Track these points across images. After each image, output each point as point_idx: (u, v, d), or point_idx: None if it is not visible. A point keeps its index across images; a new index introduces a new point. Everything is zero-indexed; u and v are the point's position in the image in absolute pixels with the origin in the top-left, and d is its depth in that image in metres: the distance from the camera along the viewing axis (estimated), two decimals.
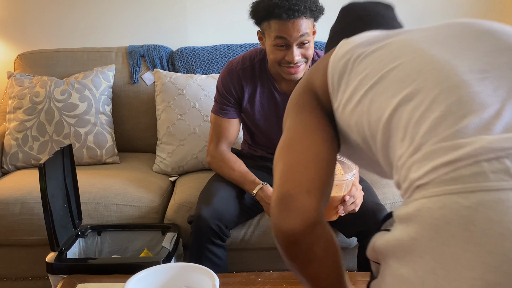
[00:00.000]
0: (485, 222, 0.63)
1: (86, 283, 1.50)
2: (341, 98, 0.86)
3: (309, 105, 0.92)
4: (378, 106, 0.79)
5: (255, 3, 1.71)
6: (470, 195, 0.64)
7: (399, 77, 0.78)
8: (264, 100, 1.87)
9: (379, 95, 0.80)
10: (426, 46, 0.80)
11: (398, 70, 0.79)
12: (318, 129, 0.88)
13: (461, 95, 0.71)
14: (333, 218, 1.57)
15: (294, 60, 1.69)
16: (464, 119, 0.69)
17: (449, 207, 0.65)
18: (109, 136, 2.34)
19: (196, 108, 2.27)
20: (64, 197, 1.70)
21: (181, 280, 1.34)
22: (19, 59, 2.56)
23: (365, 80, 0.82)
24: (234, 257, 1.89)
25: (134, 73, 2.49)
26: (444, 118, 0.71)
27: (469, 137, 0.68)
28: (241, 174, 1.82)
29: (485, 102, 0.70)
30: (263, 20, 1.70)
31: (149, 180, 2.15)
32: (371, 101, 0.81)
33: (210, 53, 2.51)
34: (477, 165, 0.66)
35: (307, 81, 0.95)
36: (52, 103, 2.28)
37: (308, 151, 0.85)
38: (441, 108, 0.71)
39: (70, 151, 1.75)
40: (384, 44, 0.84)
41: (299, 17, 1.63)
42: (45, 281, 1.93)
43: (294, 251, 0.81)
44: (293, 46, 1.68)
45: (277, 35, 1.67)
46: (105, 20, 2.68)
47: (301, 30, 1.65)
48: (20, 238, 1.95)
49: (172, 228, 1.83)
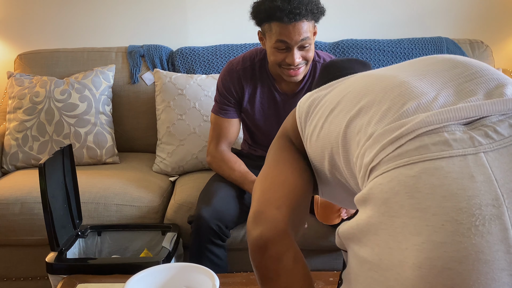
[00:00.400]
0: (428, 188, 0.68)
1: (86, 283, 1.50)
2: (308, 131, 0.96)
3: (283, 146, 1.02)
4: (336, 124, 0.87)
5: (256, 4, 1.71)
6: (414, 166, 0.71)
7: (351, 97, 0.87)
8: (264, 100, 1.87)
9: (336, 116, 0.88)
10: (374, 72, 0.91)
11: (351, 93, 0.88)
12: (288, 162, 0.98)
13: (401, 90, 0.80)
14: (335, 221, 1.57)
15: (294, 62, 1.69)
16: (405, 105, 0.77)
17: (396, 179, 0.71)
18: (109, 136, 2.34)
19: (196, 108, 2.27)
20: (64, 197, 1.70)
21: (181, 280, 1.34)
22: (19, 59, 2.56)
23: (325, 111, 0.91)
24: (234, 257, 1.89)
25: (134, 73, 2.49)
26: (389, 109, 0.78)
27: (411, 117, 0.75)
28: (241, 174, 1.82)
29: (422, 91, 0.78)
30: (264, 21, 1.69)
31: (149, 180, 2.15)
32: (330, 123, 0.89)
33: (210, 53, 2.51)
34: (419, 139, 0.72)
35: (282, 128, 1.06)
36: (52, 103, 2.28)
37: (278, 178, 0.95)
38: (387, 104, 0.79)
39: (70, 151, 1.75)
40: (342, 81, 0.95)
41: (300, 20, 1.63)
42: (45, 281, 1.93)
43: (263, 258, 0.85)
44: (293, 49, 1.67)
45: (278, 39, 1.67)
46: (105, 20, 2.68)
47: (302, 34, 1.65)
48: (20, 238, 1.95)
49: (172, 228, 1.83)
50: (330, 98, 0.92)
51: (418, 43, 2.55)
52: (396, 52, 2.52)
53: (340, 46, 2.53)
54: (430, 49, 2.54)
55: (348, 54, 2.50)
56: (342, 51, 2.51)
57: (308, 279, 0.87)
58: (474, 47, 2.59)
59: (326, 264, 1.97)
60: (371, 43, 2.53)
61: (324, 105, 0.92)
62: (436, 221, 0.67)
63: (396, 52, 2.52)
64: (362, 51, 2.51)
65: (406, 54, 2.52)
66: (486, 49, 2.59)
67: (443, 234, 0.66)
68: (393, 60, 2.51)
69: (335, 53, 2.51)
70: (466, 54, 2.55)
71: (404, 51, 2.53)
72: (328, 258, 1.96)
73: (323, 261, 1.97)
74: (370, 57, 2.50)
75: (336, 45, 2.54)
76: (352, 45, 2.52)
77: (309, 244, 1.91)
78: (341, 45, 2.53)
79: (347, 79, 0.95)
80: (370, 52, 2.51)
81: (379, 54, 2.51)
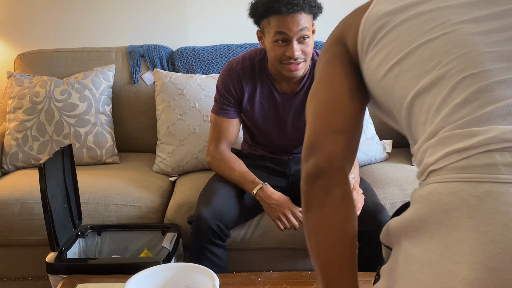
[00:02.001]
0: (491, 213, 0.65)
1: (86, 283, 1.50)
2: (369, 65, 0.89)
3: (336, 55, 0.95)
4: (402, 85, 0.81)
5: (254, 1, 1.72)
6: (479, 185, 0.67)
7: (424, 57, 0.79)
8: (264, 100, 1.87)
9: (404, 73, 0.81)
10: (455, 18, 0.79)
11: (425, 48, 0.79)
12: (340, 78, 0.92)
13: (481, 85, 0.72)
14: None
15: (294, 55, 1.69)
16: (481, 109, 0.70)
17: (458, 194, 0.68)
18: (109, 136, 2.34)
19: (196, 108, 2.27)
20: (64, 197, 1.71)
21: (181, 280, 1.34)
22: (19, 59, 2.56)
23: (392, 54, 0.84)
24: (234, 257, 1.89)
25: (134, 73, 2.49)
26: (461, 106, 0.72)
27: (483, 126, 0.69)
28: (241, 174, 1.82)
29: (504, 94, 0.70)
30: (263, 17, 1.70)
31: (149, 180, 2.15)
32: (396, 77, 0.82)
33: (210, 53, 2.51)
34: (489, 155, 0.67)
35: (339, 33, 0.98)
36: (52, 103, 2.28)
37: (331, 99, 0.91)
38: (462, 96, 0.72)
39: (70, 151, 1.75)
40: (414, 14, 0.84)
41: (298, 11, 1.64)
42: (45, 281, 1.93)
43: (314, 186, 0.85)
44: (293, 41, 1.68)
45: (277, 31, 1.67)
46: (105, 20, 2.68)
47: (301, 24, 1.66)
48: (20, 238, 1.95)
49: (172, 228, 1.83)
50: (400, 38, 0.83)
51: None
52: None
53: None
54: None
55: None
56: None
57: (350, 220, 0.85)
58: None
59: None
60: None
61: (392, 43, 0.84)
62: (493, 248, 0.65)
63: None
64: None
65: None
66: None
67: (499, 262, 0.64)
68: None
69: None
70: None
71: None
72: None
73: None
74: None
75: None
76: None
77: None
78: None
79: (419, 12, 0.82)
80: None
81: None
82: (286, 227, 1.73)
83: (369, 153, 2.28)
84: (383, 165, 2.25)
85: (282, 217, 1.72)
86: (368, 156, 2.28)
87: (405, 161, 2.27)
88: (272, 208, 1.73)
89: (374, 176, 2.10)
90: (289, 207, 1.72)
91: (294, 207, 1.73)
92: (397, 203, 1.93)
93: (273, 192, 1.76)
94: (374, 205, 1.73)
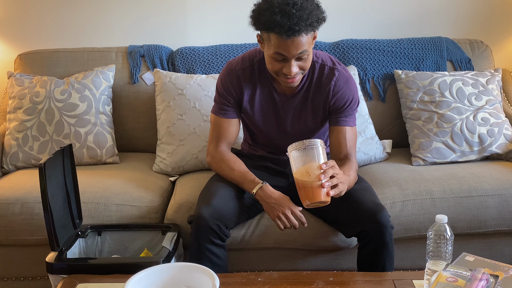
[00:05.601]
0: None
1: (86, 283, 1.50)
2: None
3: None
4: None
5: (256, 13, 1.66)
6: None
7: None
8: (263, 101, 1.87)
9: None
10: None
11: None
12: None
13: None
14: (322, 198, 1.56)
15: (291, 73, 1.68)
16: None
17: None
18: (109, 136, 2.34)
19: (196, 108, 2.27)
20: (64, 197, 1.71)
21: (181, 280, 1.34)
22: (19, 59, 2.56)
23: None
24: (234, 257, 1.89)
25: (134, 73, 2.50)
26: None
27: None
28: (241, 173, 1.82)
29: None
30: (263, 30, 1.68)
31: (149, 180, 2.15)
32: None
33: (210, 53, 2.51)
34: None
35: None
36: (52, 103, 2.28)
37: None
38: None
39: (70, 151, 1.75)
40: None
41: (299, 35, 1.62)
42: (45, 281, 1.93)
43: None
44: (291, 61, 1.66)
45: (276, 51, 1.65)
46: (105, 20, 2.69)
47: (300, 48, 1.63)
48: (20, 238, 1.95)
49: (172, 228, 1.83)
50: None
51: (418, 43, 2.55)
52: (396, 52, 2.52)
53: (340, 46, 2.53)
54: (430, 49, 2.54)
55: (348, 54, 2.50)
56: (342, 51, 2.51)
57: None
58: (474, 47, 2.59)
59: (326, 264, 1.97)
60: (371, 43, 2.53)
61: None
62: None
63: (396, 52, 2.52)
64: (362, 51, 2.51)
65: (406, 54, 2.52)
66: (486, 49, 2.59)
67: None
68: (393, 60, 2.51)
69: (335, 53, 2.51)
70: (466, 54, 2.55)
71: (404, 51, 2.53)
72: (328, 258, 1.97)
73: (323, 261, 1.97)
74: (370, 57, 2.50)
75: (336, 45, 2.54)
76: (352, 45, 2.52)
77: (309, 244, 1.91)
78: (341, 45, 2.53)
79: None
80: (370, 52, 2.51)
81: (379, 54, 2.51)
82: (286, 227, 1.73)
83: (369, 153, 2.28)
84: (383, 165, 2.25)
85: (282, 216, 1.72)
86: (368, 156, 2.28)
87: (405, 161, 2.27)
88: (272, 208, 1.73)
89: (374, 176, 2.11)
90: (289, 207, 1.72)
91: (294, 207, 1.73)
92: (397, 203, 1.93)
93: (273, 191, 1.76)
94: (374, 205, 1.73)
